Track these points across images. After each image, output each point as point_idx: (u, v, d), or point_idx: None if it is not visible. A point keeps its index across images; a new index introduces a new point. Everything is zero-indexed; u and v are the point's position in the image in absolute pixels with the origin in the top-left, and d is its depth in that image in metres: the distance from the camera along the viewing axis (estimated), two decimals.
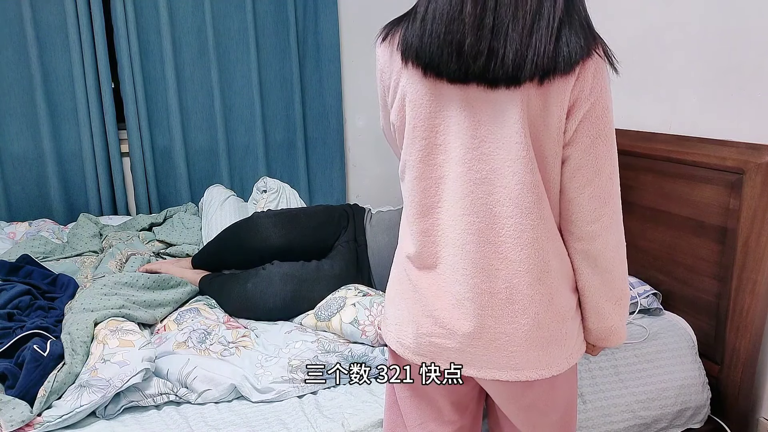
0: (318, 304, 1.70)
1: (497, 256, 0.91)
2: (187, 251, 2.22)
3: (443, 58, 0.85)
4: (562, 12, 0.83)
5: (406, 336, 1.01)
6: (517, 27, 0.82)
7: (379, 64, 0.97)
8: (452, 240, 0.93)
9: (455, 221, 0.92)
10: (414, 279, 0.99)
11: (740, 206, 1.58)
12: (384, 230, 1.93)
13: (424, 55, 0.87)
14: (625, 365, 1.59)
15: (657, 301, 1.80)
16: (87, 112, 2.60)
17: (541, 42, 0.82)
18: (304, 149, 3.00)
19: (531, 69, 0.82)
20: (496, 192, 0.89)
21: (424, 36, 0.86)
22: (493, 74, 0.84)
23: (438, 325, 0.96)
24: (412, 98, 0.91)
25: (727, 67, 1.68)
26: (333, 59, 2.97)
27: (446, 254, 0.94)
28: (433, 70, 0.87)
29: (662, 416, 1.57)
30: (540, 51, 0.82)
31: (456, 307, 0.94)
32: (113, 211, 2.74)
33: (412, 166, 0.94)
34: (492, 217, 0.90)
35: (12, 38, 2.48)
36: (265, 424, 1.32)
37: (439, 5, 0.85)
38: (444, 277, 0.95)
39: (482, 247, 0.91)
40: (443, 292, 0.96)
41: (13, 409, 1.23)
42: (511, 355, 0.94)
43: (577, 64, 0.83)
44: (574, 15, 0.84)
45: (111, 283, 1.67)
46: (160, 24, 2.65)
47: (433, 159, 0.93)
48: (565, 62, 0.82)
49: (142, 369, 1.34)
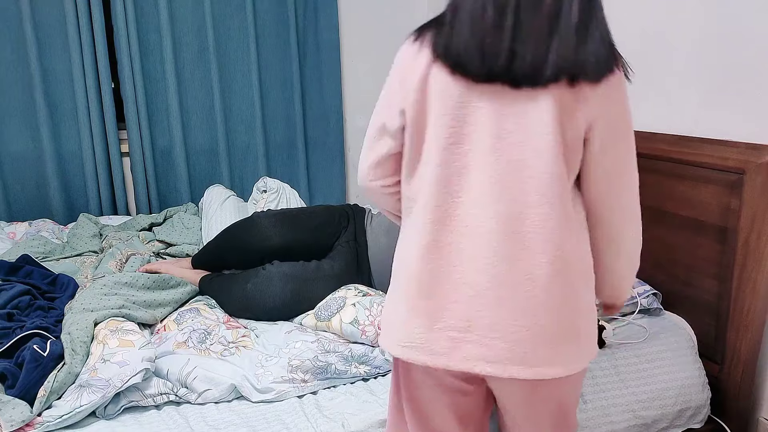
0: (318, 305, 1.70)
1: (521, 246, 0.93)
2: (187, 251, 2.22)
3: (469, 58, 0.90)
4: (580, 16, 0.87)
5: (415, 335, 0.98)
6: (535, 30, 0.87)
7: (401, 61, 0.99)
8: (474, 229, 0.94)
9: (480, 210, 0.93)
10: (424, 271, 0.97)
11: (740, 206, 1.58)
12: (385, 232, 1.93)
13: (451, 54, 0.91)
14: (625, 365, 1.59)
15: (657, 301, 1.80)
16: (87, 112, 2.60)
17: (562, 45, 0.87)
18: (304, 149, 3.00)
19: (553, 71, 0.87)
20: (523, 182, 0.92)
21: (453, 37, 0.91)
22: (515, 74, 0.89)
23: (456, 318, 0.95)
24: (439, 89, 0.94)
25: (727, 67, 1.68)
26: (333, 59, 2.97)
27: (465, 243, 0.94)
28: (461, 69, 0.91)
29: (662, 416, 1.57)
30: (562, 54, 0.87)
31: (475, 298, 0.94)
32: (113, 211, 2.74)
33: (433, 154, 0.95)
34: (519, 207, 0.92)
35: (11, 38, 2.48)
36: (265, 424, 1.32)
37: (466, 9, 0.90)
38: (461, 267, 0.95)
39: (507, 237, 0.93)
40: (460, 283, 0.95)
41: (13, 409, 1.23)
42: (529, 350, 0.94)
43: (604, 76, 0.90)
44: (596, 25, 0.89)
45: (111, 283, 1.67)
46: (160, 24, 2.65)
47: (457, 148, 0.94)
48: (593, 72, 0.89)
49: (142, 369, 1.34)
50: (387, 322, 1.05)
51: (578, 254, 0.96)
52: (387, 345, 1.04)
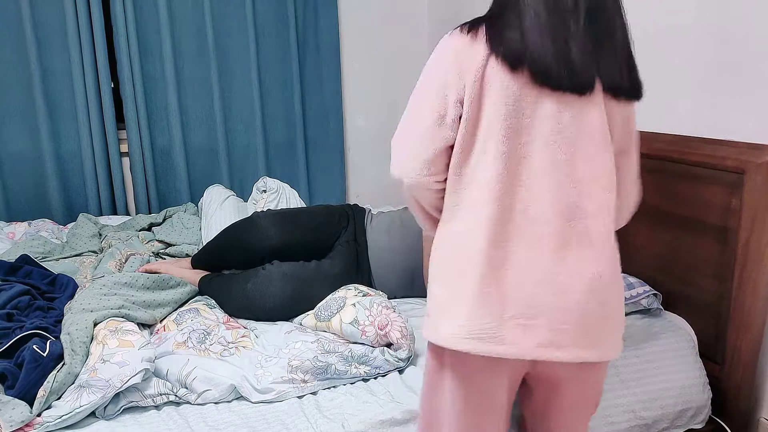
0: (318, 304, 1.70)
1: (582, 232, 0.98)
2: (187, 251, 2.22)
3: (553, 68, 0.95)
4: (626, 35, 1.01)
5: (483, 325, 0.97)
6: (615, 51, 0.99)
7: (453, 50, 1.00)
8: (536, 216, 0.97)
9: (541, 198, 0.97)
10: (490, 260, 0.97)
11: (740, 206, 1.58)
12: (385, 231, 1.93)
13: (527, 59, 0.95)
14: (625, 365, 1.59)
15: (657, 302, 1.80)
16: (86, 112, 2.60)
17: (633, 66, 1.03)
18: (304, 149, 3.00)
19: (629, 90, 1.01)
20: (580, 170, 0.97)
21: (528, 44, 0.94)
22: (596, 87, 0.97)
23: (525, 306, 0.97)
24: (497, 81, 0.96)
25: (727, 67, 1.68)
26: (333, 59, 2.97)
27: (529, 231, 0.97)
28: (533, 75, 0.95)
29: (663, 416, 1.57)
30: (634, 74, 1.02)
31: (540, 284, 0.97)
32: (113, 211, 2.74)
33: (496, 144, 0.97)
34: (578, 195, 0.97)
35: (11, 38, 2.48)
36: (265, 424, 1.32)
37: (537, 19, 0.94)
38: (527, 255, 0.97)
39: (568, 223, 0.97)
40: (525, 270, 0.97)
41: (13, 410, 1.23)
42: (597, 332, 0.98)
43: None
44: (631, 48, 1.03)
45: (110, 283, 1.66)
46: (160, 24, 2.64)
47: (517, 139, 0.97)
48: (639, 91, 1.04)
49: (141, 369, 1.33)
50: (443, 315, 1.02)
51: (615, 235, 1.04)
52: (444, 339, 1.01)
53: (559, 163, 0.97)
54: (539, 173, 0.97)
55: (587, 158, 0.98)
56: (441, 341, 1.01)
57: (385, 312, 1.55)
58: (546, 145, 0.97)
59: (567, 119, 0.97)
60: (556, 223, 0.97)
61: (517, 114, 0.96)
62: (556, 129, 0.97)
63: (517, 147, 0.97)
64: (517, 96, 0.96)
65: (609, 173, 1.00)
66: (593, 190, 0.98)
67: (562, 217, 0.97)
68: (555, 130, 0.96)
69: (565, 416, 1.13)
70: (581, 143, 0.97)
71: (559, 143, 0.97)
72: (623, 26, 1.01)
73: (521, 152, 0.97)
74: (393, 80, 3.06)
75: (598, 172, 0.98)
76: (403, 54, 3.09)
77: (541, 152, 0.97)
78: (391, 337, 1.51)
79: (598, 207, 0.98)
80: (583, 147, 0.97)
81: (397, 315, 1.55)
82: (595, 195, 0.98)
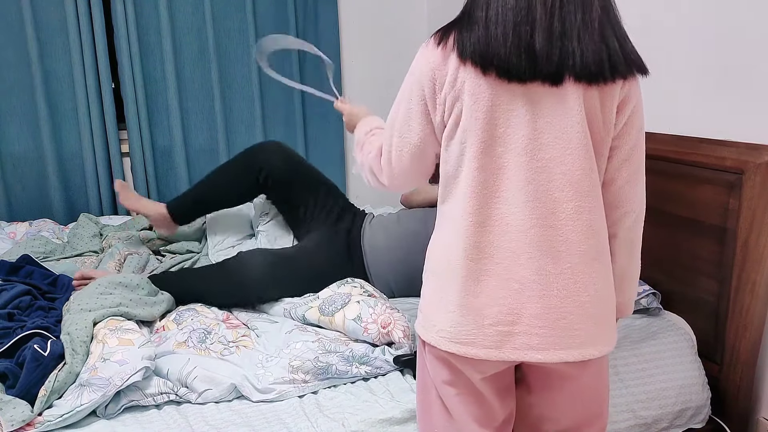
0: (322, 299, 1.70)
1: (559, 239, 0.97)
2: (187, 248, 2.23)
3: (513, 61, 0.91)
4: (616, 18, 0.95)
5: (466, 332, 1.00)
6: (587, 31, 0.92)
7: (429, 65, 0.99)
8: (514, 227, 0.97)
9: (518, 208, 0.96)
10: (470, 271, 0.99)
11: (740, 206, 1.58)
12: (383, 229, 1.95)
13: (490, 56, 0.92)
14: (624, 365, 1.59)
15: (656, 301, 1.80)
16: (87, 113, 2.60)
17: (613, 44, 0.93)
18: (304, 149, 3.00)
19: (608, 70, 0.93)
20: (555, 179, 0.96)
21: (491, 39, 0.92)
22: (565, 73, 0.92)
23: (504, 313, 0.98)
24: (472, 92, 0.95)
25: (726, 67, 1.68)
26: (333, 59, 2.96)
27: (506, 242, 0.97)
28: (497, 70, 0.92)
29: (662, 416, 1.57)
30: (614, 53, 0.93)
31: (520, 291, 0.97)
32: (113, 211, 2.74)
33: (471, 158, 0.97)
34: (553, 203, 0.96)
35: (12, 39, 2.49)
36: (266, 423, 1.32)
37: (502, 10, 0.91)
38: (505, 264, 0.98)
39: (545, 231, 0.96)
40: (504, 279, 0.98)
41: (14, 409, 1.23)
42: (575, 333, 0.98)
43: (634, 74, 0.97)
44: (619, 22, 0.96)
45: (106, 282, 1.67)
46: (160, 24, 2.65)
47: (492, 150, 0.97)
48: (629, 67, 0.95)
49: (142, 367, 1.34)
50: (433, 319, 1.05)
51: (606, 239, 1.03)
52: (433, 339, 1.05)
53: (536, 171, 0.95)
54: (515, 184, 0.96)
55: (564, 163, 0.95)
56: (429, 339, 1.06)
57: (388, 312, 1.56)
58: (521, 154, 0.95)
59: (542, 125, 0.94)
60: (533, 232, 0.96)
61: (491, 125, 0.95)
62: (532, 136, 0.94)
63: (492, 159, 0.96)
64: (489, 107, 0.94)
65: (587, 177, 0.97)
66: (571, 196, 0.96)
67: (538, 226, 0.96)
68: (530, 137, 0.95)
69: (565, 416, 1.13)
70: (558, 149, 0.95)
71: (534, 151, 0.95)
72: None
73: (497, 164, 0.97)
74: (393, 80, 3.05)
75: (576, 177, 0.96)
76: (403, 54, 3.09)
77: (516, 162, 0.95)
78: (393, 336, 1.52)
79: (577, 213, 0.97)
80: (559, 153, 0.95)
81: (401, 315, 1.57)
82: (573, 201, 0.96)
